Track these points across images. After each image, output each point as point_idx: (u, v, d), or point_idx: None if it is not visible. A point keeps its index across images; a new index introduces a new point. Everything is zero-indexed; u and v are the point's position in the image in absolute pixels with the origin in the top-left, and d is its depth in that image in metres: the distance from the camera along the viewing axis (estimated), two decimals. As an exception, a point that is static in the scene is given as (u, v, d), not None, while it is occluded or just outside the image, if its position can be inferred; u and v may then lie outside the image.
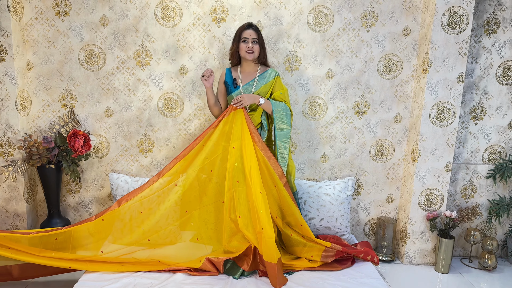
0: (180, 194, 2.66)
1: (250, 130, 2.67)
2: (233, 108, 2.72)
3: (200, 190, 2.70)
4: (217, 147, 2.70)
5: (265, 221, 2.44)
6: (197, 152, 2.71)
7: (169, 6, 3.02)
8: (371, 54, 3.17)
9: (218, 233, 2.68)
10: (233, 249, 2.59)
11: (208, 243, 2.66)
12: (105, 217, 2.57)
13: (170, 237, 2.64)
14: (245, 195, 2.60)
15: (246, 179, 2.59)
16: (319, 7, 3.08)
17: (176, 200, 2.66)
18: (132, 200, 2.62)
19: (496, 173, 3.32)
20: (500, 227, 3.43)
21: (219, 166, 2.70)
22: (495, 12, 3.14)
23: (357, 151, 3.32)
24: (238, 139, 2.66)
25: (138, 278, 2.41)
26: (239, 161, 2.63)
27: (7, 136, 2.94)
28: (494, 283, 3.04)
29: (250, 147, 2.63)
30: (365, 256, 2.80)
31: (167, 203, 2.64)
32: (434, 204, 3.21)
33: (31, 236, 2.43)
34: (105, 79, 3.10)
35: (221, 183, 2.70)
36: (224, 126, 2.71)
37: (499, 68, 3.22)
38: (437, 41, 2.98)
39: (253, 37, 2.72)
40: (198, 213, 2.69)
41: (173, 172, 2.69)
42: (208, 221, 2.70)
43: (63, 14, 2.99)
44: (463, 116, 3.30)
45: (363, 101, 3.24)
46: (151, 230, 2.61)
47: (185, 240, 2.66)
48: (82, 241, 2.54)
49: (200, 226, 2.69)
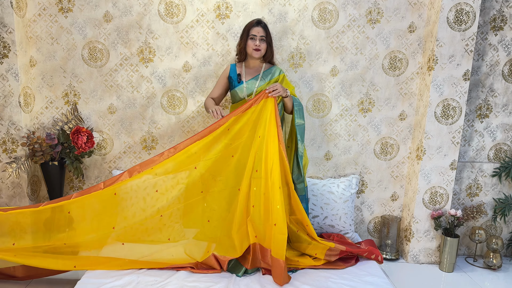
0: (198, 176, 2.60)
1: (277, 123, 2.59)
2: (265, 96, 2.62)
3: (217, 174, 2.65)
4: (242, 133, 2.63)
5: (280, 217, 2.42)
6: (220, 135, 2.61)
7: (172, 3, 3.00)
8: (376, 51, 3.14)
9: (224, 226, 2.65)
10: (237, 244, 2.57)
11: (212, 237, 2.64)
12: (117, 191, 2.48)
13: (180, 219, 2.62)
14: (262, 186, 2.55)
15: (266, 171, 2.54)
16: (323, 3, 3.06)
17: (195, 180, 2.60)
18: (145, 174, 2.52)
19: (501, 171, 3.29)
20: (505, 226, 3.41)
21: (240, 153, 2.64)
22: (502, 9, 3.10)
23: (362, 149, 3.30)
24: (264, 129, 2.59)
25: (141, 275, 2.40)
26: (262, 151, 2.57)
27: (10, 133, 2.93)
28: (499, 282, 3.02)
29: (274, 140, 2.56)
30: (369, 255, 2.78)
31: (182, 184, 2.59)
32: (439, 203, 3.18)
33: (41, 209, 2.36)
34: (109, 76, 3.08)
35: (240, 170, 2.64)
36: (252, 114, 2.63)
37: (506, 66, 3.19)
38: (443, 38, 2.95)
39: (261, 35, 2.67)
40: (210, 198, 2.65)
41: (193, 153, 2.59)
42: (217, 210, 2.66)
43: (66, 10, 2.98)
44: (468, 114, 3.27)
45: (368, 99, 3.22)
46: (164, 208, 2.57)
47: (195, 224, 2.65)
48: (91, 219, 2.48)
49: (210, 215, 2.65)
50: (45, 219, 2.40)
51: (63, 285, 2.64)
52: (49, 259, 2.41)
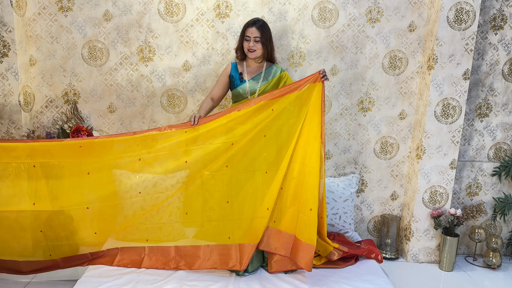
0: (232, 152, 2.54)
1: (321, 110, 2.50)
2: (313, 80, 2.50)
3: (247, 154, 2.58)
4: (283, 115, 2.54)
5: (316, 202, 2.43)
6: (257, 112, 2.53)
7: (172, 2, 3.00)
8: (376, 50, 3.14)
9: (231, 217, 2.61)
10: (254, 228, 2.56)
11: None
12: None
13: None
14: (295, 170, 2.52)
15: (305, 157, 2.50)
16: (323, 2, 3.05)
17: (228, 157, 2.55)
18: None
19: (501, 170, 3.30)
20: (505, 225, 3.41)
21: (275, 133, 2.56)
22: (502, 8, 3.10)
23: (361, 148, 3.30)
24: (308, 114, 2.51)
25: (141, 274, 2.41)
26: (306, 138, 2.51)
27: (10, 132, 2.93)
28: (499, 282, 3.02)
29: (317, 129, 2.49)
30: (368, 254, 2.79)
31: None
32: (439, 202, 3.18)
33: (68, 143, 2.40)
34: (108, 75, 3.08)
35: (269, 152, 2.57)
36: (296, 99, 2.53)
37: (506, 65, 3.19)
38: (443, 37, 2.95)
39: (254, 36, 2.63)
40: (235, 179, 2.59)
41: (229, 128, 2.53)
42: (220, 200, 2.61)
43: (66, 9, 2.97)
44: (468, 113, 3.27)
45: (368, 98, 3.22)
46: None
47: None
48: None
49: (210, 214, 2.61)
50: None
51: (63, 284, 2.64)
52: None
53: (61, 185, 2.43)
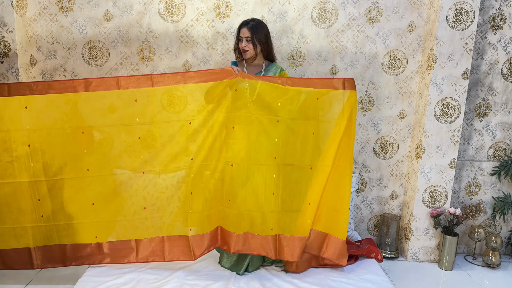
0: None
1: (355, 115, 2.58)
2: (350, 86, 2.58)
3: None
4: (329, 110, 2.58)
5: (347, 203, 2.56)
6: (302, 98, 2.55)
7: (172, 2, 3.01)
8: (376, 50, 3.15)
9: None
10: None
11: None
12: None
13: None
14: (327, 171, 2.60)
15: (336, 157, 2.57)
16: (323, 2, 3.06)
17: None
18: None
19: (500, 170, 3.30)
20: (505, 224, 3.42)
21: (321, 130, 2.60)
22: (501, 7, 3.11)
23: (361, 147, 3.31)
24: (352, 117, 2.56)
25: (142, 273, 2.42)
26: (338, 137, 2.57)
27: (11, 132, 2.94)
28: (498, 281, 3.03)
29: (353, 136, 2.61)
30: (368, 254, 2.80)
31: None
32: (438, 201, 3.19)
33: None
34: (109, 75, 3.09)
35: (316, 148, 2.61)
36: (337, 97, 2.58)
37: (505, 65, 3.20)
38: (442, 37, 2.96)
39: (246, 36, 2.59)
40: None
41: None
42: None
43: (66, 9, 2.98)
44: (468, 113, 3.27)
45: (367, 97, 3.23)
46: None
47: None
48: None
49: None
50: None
51: (64, 283, 2.65)
52: None
53: None
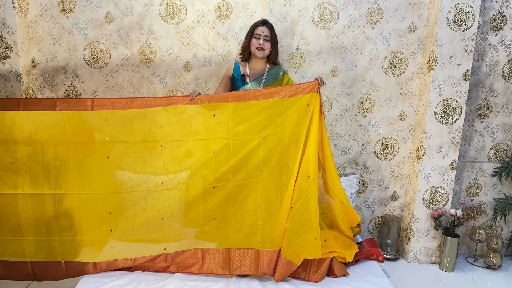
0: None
1: (321, 121, 2.61)
2: (312, 89, 2.51)
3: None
4: (290, 119, 2.54)
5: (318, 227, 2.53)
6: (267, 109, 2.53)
7: (173, 3, 3.02)
8: (376, 52, 3.15)
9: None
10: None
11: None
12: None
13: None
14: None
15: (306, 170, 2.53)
16: (324, 4, 3.07)
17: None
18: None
19: (501, 171, 3.30)
20: (506, 225, 3.41)
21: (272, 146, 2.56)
22: (501, 9, 3.11)
23: (362, 148, 3.31)
24: (312, 123, 2.54)
25: (142, 274, 2.42)
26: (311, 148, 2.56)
27: (12, 133, 2.94)
28: (499, 282, 3.03)
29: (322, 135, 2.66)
30: (369, 256, 2.79)
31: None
32: (439, 202, 3.19)
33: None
34: (110, 76, 3.10)
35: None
36: (300, 105, 2.53)
37: (506, 66, 3.20)
38: (442, 38, 2.96)
39: (265, 34, 2.67)
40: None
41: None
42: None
43: (68, 11, 2.99)
44: (468, 114, 3.27)
45: (368, 99, 3.23)
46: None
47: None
48: None
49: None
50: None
51: (65, 284, 2.65)
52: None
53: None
